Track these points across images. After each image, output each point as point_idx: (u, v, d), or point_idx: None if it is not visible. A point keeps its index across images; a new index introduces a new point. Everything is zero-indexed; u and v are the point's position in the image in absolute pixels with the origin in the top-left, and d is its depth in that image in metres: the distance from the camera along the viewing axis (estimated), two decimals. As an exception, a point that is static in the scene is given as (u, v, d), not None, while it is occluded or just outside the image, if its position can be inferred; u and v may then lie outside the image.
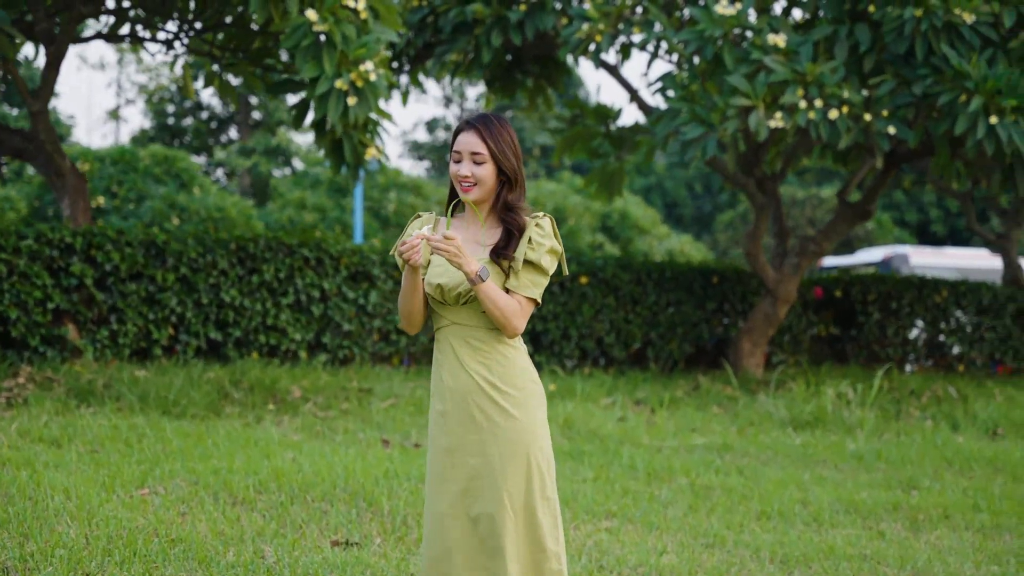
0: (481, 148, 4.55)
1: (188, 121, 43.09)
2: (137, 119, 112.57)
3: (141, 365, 12.28)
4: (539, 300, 4.63)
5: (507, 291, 4.56)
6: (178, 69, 41.44)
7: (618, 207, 39.78)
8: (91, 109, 79.22)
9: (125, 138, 52.40)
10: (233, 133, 44.20)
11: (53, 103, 36.77)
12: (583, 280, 15.42)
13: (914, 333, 18.24)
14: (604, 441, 10.90)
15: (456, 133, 4.64)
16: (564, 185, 41.32)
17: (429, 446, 4.65)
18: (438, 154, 50.94)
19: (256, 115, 42.82)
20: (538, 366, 14.97)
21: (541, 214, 4.62)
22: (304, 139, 44.04)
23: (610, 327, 15.81)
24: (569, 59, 17.29)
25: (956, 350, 18.26)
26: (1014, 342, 18.37)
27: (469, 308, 4.58)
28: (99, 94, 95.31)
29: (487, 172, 4.57)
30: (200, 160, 42.02)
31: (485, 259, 4.57)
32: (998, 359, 18.34)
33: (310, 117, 12.37)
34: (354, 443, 9.99)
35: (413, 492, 7.97)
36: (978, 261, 32.78)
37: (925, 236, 47.98)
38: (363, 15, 11.59)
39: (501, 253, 4.56)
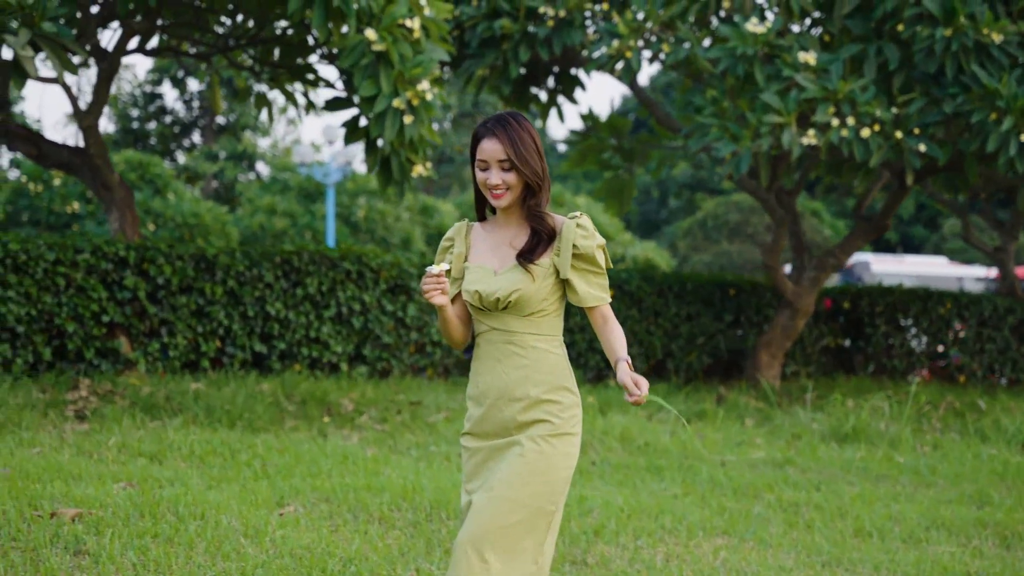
0: (506, 154, 4.50)
1: (152, 125, 42.90)
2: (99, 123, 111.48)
3: (192, 378, 12.34)
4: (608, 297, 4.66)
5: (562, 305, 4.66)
6: (131, 69, 41.33)
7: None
8: (43, 111, 78.48)
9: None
10: (196, 138, 44.05)
11: (21, 107, 36.49)
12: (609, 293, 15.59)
13: (915, 344, 18.55)
14: (667, 455, 11.07)
15: (476, 139, 4.58)
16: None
17: (462, 448, 4.69)
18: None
19: (220, 120, 42.70)
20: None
21: (578, 214, 4.58)
22: (265, 143, 44.03)
23: (633, 339, 16.01)
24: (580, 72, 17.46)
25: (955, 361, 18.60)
26: (1012, 353, 18.73)
27: (509, 313, 4.56)
28: (53, 97, 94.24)
29: (516, 178, 4.53)
30: (166, 165, 41.86)
31: (514, 263, 4.57)
32: (997, 370, 18.70)
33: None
34: (432, 457, 10.11)
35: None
36: (937, 268, 33.29)
37: (878, 243, 48.64)
38: (416, 34, 11.69)
39: (526, 256, 4.54)
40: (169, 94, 43.16)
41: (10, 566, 5.92)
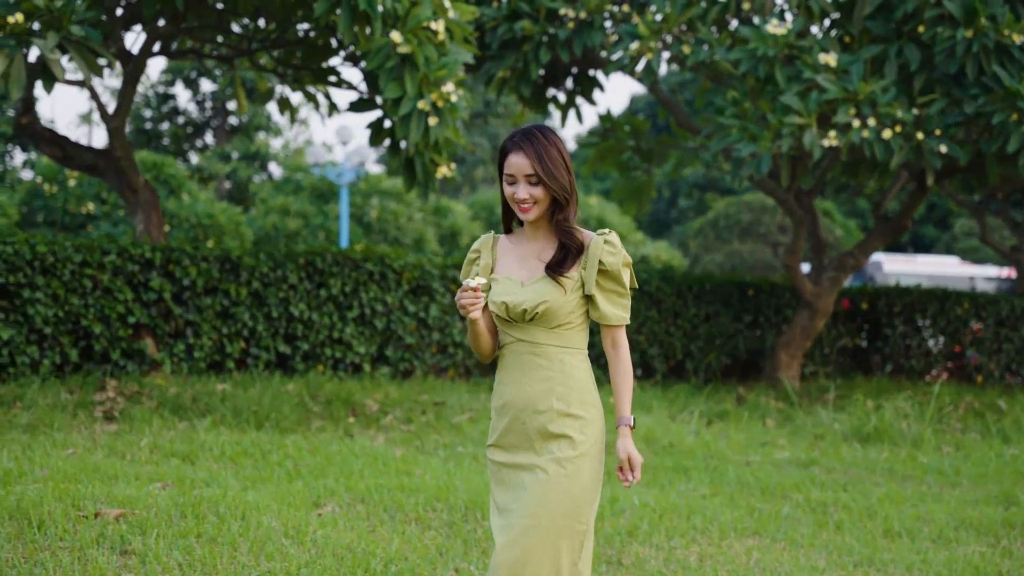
0: (533, 169, 4.50)
1: (165, 126, 43.02)
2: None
3: (217, 378, 12.41)
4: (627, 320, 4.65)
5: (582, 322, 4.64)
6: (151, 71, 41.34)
7: (595, 213, 40.04)
8: (56, 112, 78.67)
9: (98, 143, 52.14)
10: (209, 138, 44.15)
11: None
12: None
13: (932, 344, 18.58)
14: (693, 456, 11.12)
15: (504, 153, 4.58)
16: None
17: (487, 459, 4.69)
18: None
19: (233, 120, 42.80)
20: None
21: (607, 231, 4.58)
22: (278, 144, 44.05)
23: (652, 339, 16.07)
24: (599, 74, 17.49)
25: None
26: (1030, 353, 18.77)
27: (535, 325, 4.55)
28: (65, 99, 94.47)
29: (543, 192, 4.52)
30: (179, 166, 41.90)
31: (541, 275, 4.57)
32: (1015, 370, 18.73)
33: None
34: (460, 458, 10.16)
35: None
36: (949, 268, 33.24)
37: (889, 243, 48.50)
38: (441, 36, 11.72)
39: (555, 269, 4.54)
40: (182, 95, 43.28)
41: (59, 565, 5.99)
